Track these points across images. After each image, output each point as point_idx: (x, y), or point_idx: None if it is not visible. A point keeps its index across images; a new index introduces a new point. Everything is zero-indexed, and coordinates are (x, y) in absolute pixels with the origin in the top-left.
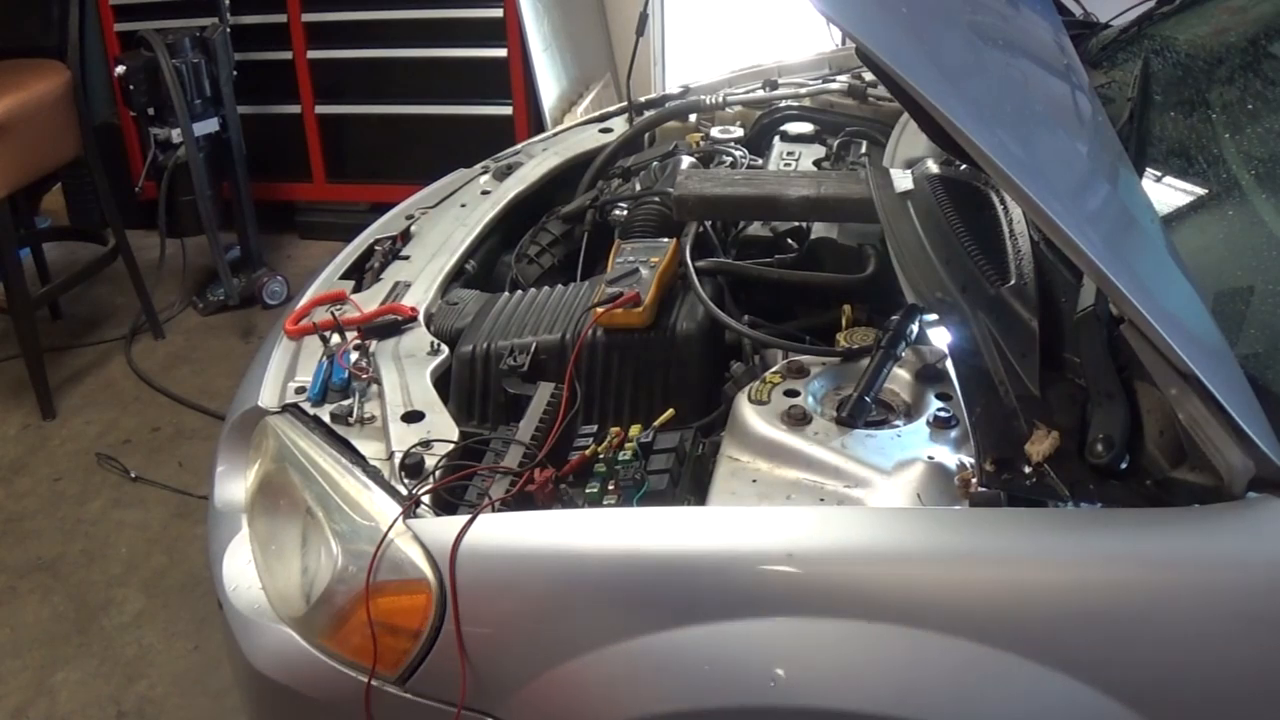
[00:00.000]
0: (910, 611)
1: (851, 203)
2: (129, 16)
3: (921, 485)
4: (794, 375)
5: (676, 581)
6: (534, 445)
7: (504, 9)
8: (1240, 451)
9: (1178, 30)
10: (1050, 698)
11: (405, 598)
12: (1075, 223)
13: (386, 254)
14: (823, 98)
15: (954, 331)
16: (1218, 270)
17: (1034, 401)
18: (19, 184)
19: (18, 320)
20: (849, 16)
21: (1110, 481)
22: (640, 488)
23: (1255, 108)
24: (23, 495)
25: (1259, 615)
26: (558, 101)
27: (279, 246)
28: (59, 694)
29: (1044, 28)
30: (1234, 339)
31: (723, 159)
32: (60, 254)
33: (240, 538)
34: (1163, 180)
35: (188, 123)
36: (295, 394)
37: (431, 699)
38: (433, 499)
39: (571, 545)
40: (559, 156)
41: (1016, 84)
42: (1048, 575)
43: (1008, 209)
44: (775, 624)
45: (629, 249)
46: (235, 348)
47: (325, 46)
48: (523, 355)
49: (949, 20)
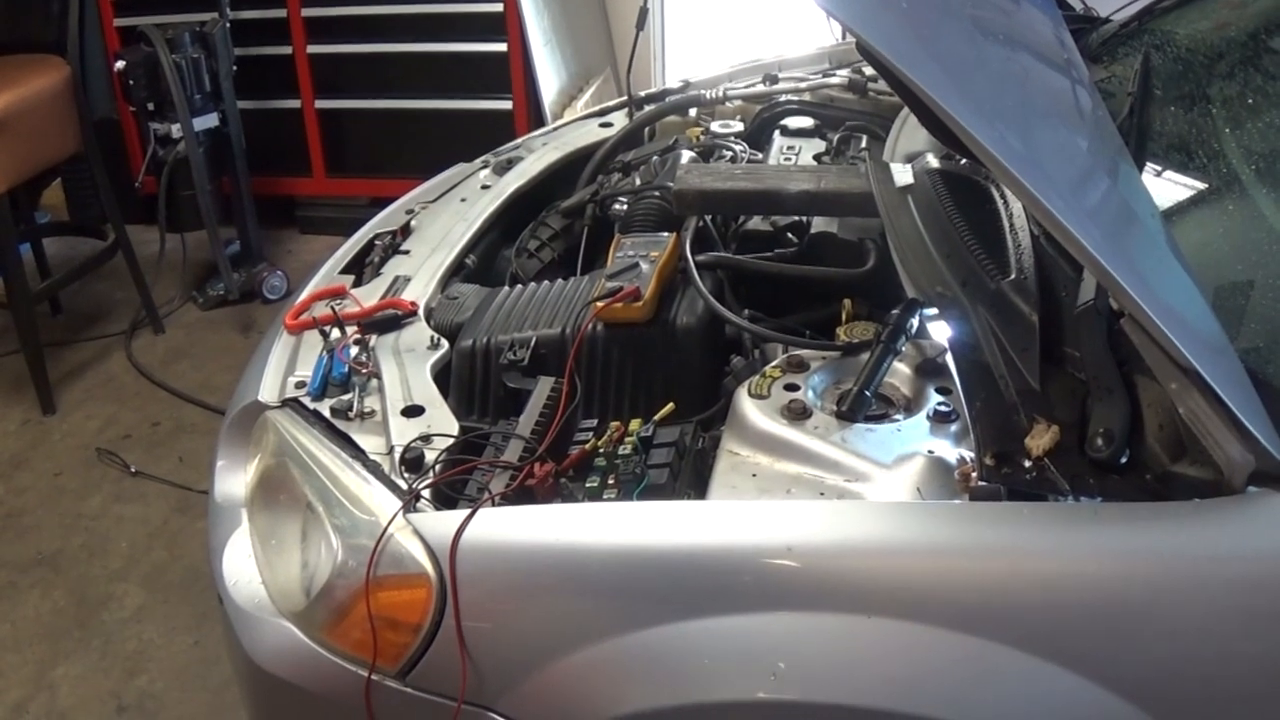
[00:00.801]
0: (910, 606)
1: (852, 197)
2: (128, 11)
3: (921, 479)
4: (794, 369)
5: (677, 576)
6: (534, 440)
7: (504, 4)
8: (1240, 446)
9: (1178, 25)
10: (1050, 692)
11: (405, 592)
12: (1075, 217)
13: (386, 249)
14: (823, 92)
15: (954, 326)
16: (1218, 264)
17: (1034, 396)
18: (19, 179)
19: (18, 315)
20: (849, 11)
21: (1110, 476)
22: (640, 482)
23: (1255, 102)
24: (23, 490)
25: (1259, 609)
26: (558, 96)
27: (279, 241)
28: (59, 689)
29: (1044, 22)
30: (1234, 333)
31: (723, 154)
32: (60, 249)
33: (240, 532)
34: (1163, 175)
35: (187, 118)
36: (295, 389)
37: (432, 693)
38: (433, 493)
39: (572, 539)
40: (559, 151)
41: (1017, 79)
42: (1048, 569)
43: (1008, 203)
44: (775, 618)
45: (629, 243)
46: (235, 343)
47: (325, 41)
48: (523, 350)
49: (949, 14)
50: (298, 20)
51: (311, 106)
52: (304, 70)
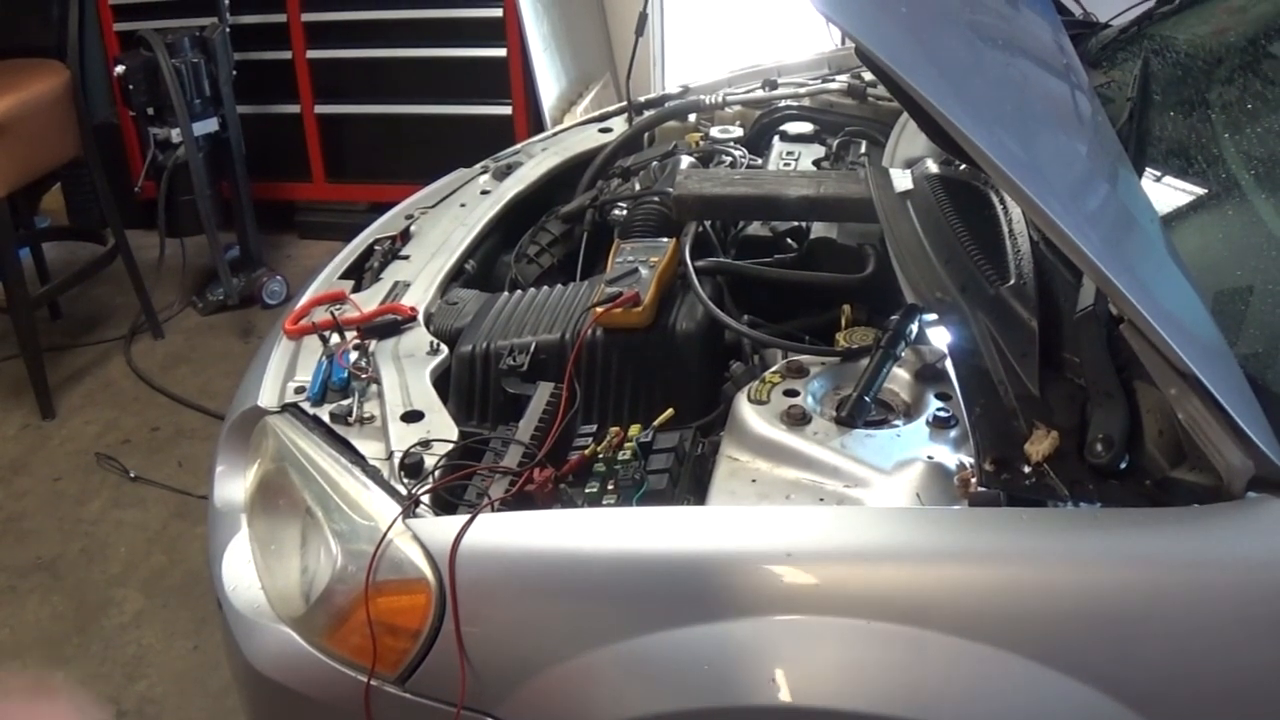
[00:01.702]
0: (909, 611)
1: (851, 202)
2: (128, 16)
3: (921, 485)
4: (793, 375)
5: (676, 581)
6: (533, 445)
7: (504, 9)
8: (1240, 451)
9: (1177, 30)
10: (1049, 697)
11: (405, 597)
12: (1075, 222)
13: (386, 254)
14: (822, 97)
15: (953, 331)
16: (1217, 270)
17: (1033, 401)
18: (18, 183)
19: (17, 320)
20: (848, 16)
21: (1109, 481)
22: (640, 487)
23: (1255, 107)
24: (22, 495)
25: (1258, 615)
26: (557, 101)
27: (278, 246)
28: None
29: (1043, 27)
30: (1233, 338)
31: (722, 159)
32: (59, 254)
33: (240, 537)
34: (1162, 180)
35: (187, 122)
36: (295, 394)
37: (431, 699)
38: (432, 499)
39: (571, 545)
40: (558, 156)
41: (1016, 84)
42: (1047, 575)
43: (1007, 209)
44: (774, 623)
45: (628, 249)
46: (235, 347)
47: (325, 46)
48: (522, 355)
49: (948, 20)
50: (297, 25)
51: (311, 111)
52: (303, 75)
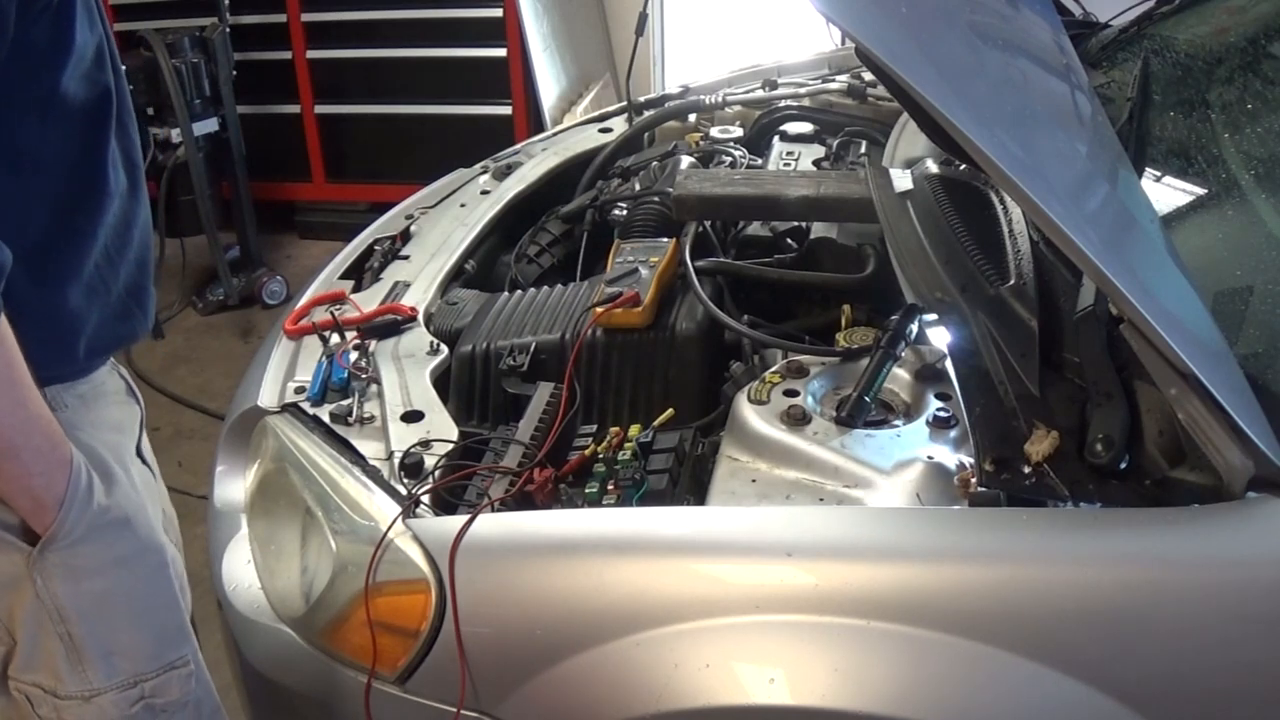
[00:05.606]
0: (909, 611)
1: (851, 203)
2: (129, 16)
3: (921, 485)
4: (793, 375)
5: (675, 581)
6: (533, 445)
7: (503, 9)
8: (1239, 451)
9: (1177, 30)
10: (1049, 697)
11: (405, 598)
12: (1075, 223)
13: (386, 254)
14: (822, 97)
15: (953, 331)
16: (1217, 270)
17: (1033, 401)
18: None
19: None
20: (848, 16)
21: (1110, 481)
22: (640, 487)
23: (1255, 108)
24: None
25: (1258, 614)
26: (557, 101)
27: (278, 246)
28: None
29: (1043, 27)
30: (1233, 339)
31: (722, 159)
32: None
33: (240, 537)
34: (1162, 180)
35: (187, 122)
36: (295, 394)
37: (431, 699)
38: (432, 499)
39: (571, 545)
40: (558, 156)
41: (1016, 84)
42: (1047, 575)
43: (1007, 209)
44: (775, 623)
45: (628, 249)
46: (235, 348)
47: (325, 46)
48: (522, 355)
49: (948, 20)
50: (297, 25)
51: (311, 112)
52: (303, 75)
